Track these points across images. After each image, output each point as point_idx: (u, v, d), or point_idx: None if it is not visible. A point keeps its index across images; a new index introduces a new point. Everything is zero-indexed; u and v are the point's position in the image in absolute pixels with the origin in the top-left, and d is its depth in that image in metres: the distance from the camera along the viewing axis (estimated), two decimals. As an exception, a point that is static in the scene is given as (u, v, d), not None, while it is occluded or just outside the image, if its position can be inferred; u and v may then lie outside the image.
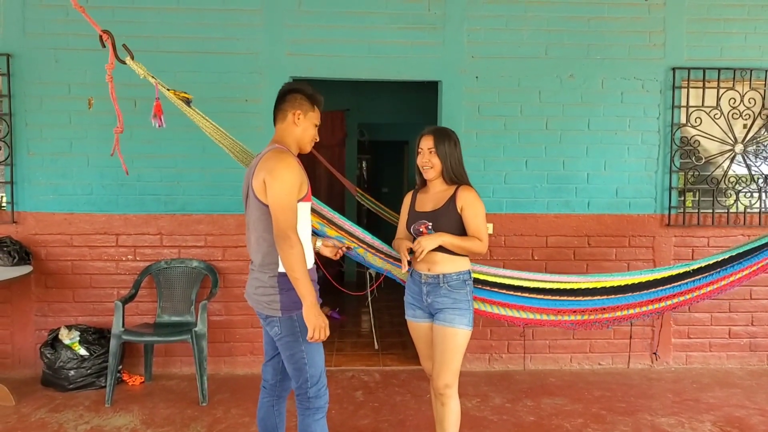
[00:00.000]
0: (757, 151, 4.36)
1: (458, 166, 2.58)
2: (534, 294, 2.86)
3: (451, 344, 2.49)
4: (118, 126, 2.52)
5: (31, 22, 3.95)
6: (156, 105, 2.42)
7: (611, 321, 2.94)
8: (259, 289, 2.26)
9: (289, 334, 2.23)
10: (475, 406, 3.58)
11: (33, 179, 4.02)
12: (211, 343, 3.99)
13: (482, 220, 2.53)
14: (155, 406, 3.57)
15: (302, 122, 2.33)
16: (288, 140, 2.34)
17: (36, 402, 3.59)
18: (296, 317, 2.21)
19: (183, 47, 4.01)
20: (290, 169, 2.18)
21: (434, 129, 2.61)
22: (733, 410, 3.58)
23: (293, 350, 2.24)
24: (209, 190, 4.06)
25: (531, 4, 4.16)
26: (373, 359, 4.44)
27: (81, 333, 3.82)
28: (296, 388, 2.29)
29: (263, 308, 2.27)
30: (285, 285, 2.20)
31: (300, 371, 2.25)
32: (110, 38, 2.37)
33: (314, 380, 2.27)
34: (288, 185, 2.16)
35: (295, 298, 2.18)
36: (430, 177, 2.59)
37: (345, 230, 2.87)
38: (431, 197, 2.61)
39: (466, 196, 2.53)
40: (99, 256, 4.06)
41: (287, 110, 2.32)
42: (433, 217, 2.53)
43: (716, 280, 2.91)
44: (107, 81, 2.41)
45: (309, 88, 2.36)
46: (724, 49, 4.25)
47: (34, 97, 3.98)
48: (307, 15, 4.06)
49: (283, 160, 2.20)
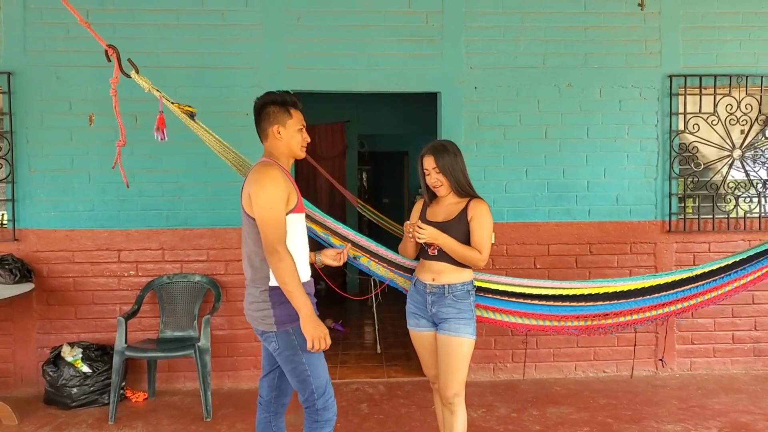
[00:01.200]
0: (755, 157, 4.39)
1: (463, 176, 2.58)
2: (536, 300, 2.84)
3: (457, 353, 2.50)
4: (120, 139, 2.54)
5: (31, 40, 3.97)
6: (159, 118, 2.43)
7: (614, 327, 2.91)
8: (253, 304, 2.24)
9: (288, 348, 2.20)
10: (481, 417, 3.57)
11: (34, 196, 4.02)
12: (214, 358, 3.98)
13: (487, 234, 2.54)
14: (159, 422, 3.55)
15: (284, 134, 2.29)
16: (277, 154, 2.31)
17: (39, 420, 3.57)
18: (293, 331, 2.18)
19: (183, 62, 4.03)
20: (273, 182, 2.15)
21: (432, 147, 2.60)
22: (739, 416, 3.57)
23: (294, 364, 2.22)
24: (211, 204, 4.07)
25: (528, 15, 4.20)
26: (378, 371, 4.43)
27: (83, 350, 3.80)
28: (303, 401, 2.26)
29: (258, 323, 2.24)
30: (278, 299, 2.17)
31: (304, 383, 2.23)
32: (116, 53, 2.41)
33: (320, 391, 2.24)
34: (271, 198, 2.13)
35: (290, 311, 2.15)
36: (443, 194, 2.60)
37: (349, 240, 2.87)
38: (443, 209, 2.62)
39: (477, 208, 2.55)
40: (101, 273, 4.05)
41: (266, 128, 2.30)
42: (444, 227, 2.53)
43: (720, 286, 2.88)
44: (111, 95, 2.44)
45: (278, 95, 2.31)
46: (719, 56, 4.29)
47: (35, 114, 4.00)
48: (306, 29, 4.10)
49: (265, 174, 2.17)
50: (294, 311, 2.14)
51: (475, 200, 2.58)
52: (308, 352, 2.18)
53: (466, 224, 2.54)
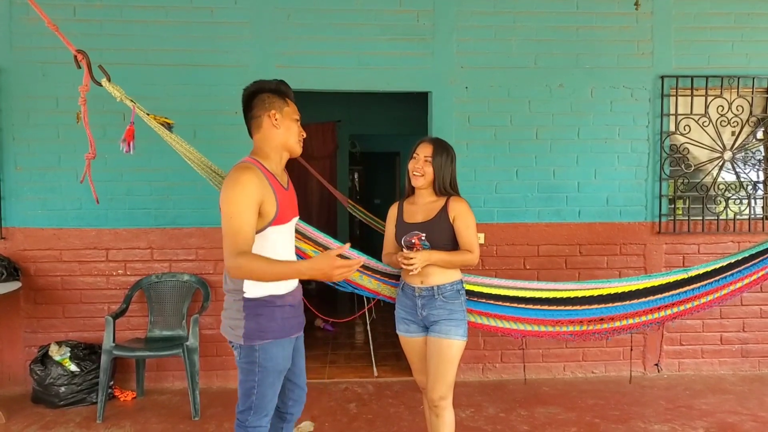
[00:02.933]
0: (745, 158, 4.40)
1: (450, 181, 2.56)
2: (530, 305, 2.80)
3: (447, 356, 2.48)
4: (90, 152, 2.39)
5: (18, 36, 3.93)
6: (128, 130, 2.29)
7: (610, 331, 2.84)
8: (227, 311, 2.12)
9: (248, 363, 2.08)
10: (469, 417, 3.57)
11: (21, 194, 3.98)
12: (203, 357, 3.96)
13: (474, 232, 2.53)
14: (147, 421, 3.53)
15: (282, 122, 2.10)
16: (269, 148, 2.11)
17: (26, 419, 3.55)
18: (258, 348, 2.06)
19: (172, 60, 3.99)
20: (241, 188, 1.93)
21: (435, 139, 2.59)
22: (725, 416, 3.59)
23: (248, 377, 2.10)
24: (200, 203, 4.04)
25: (520, 15, 4.19)
26: (367, 371, 4.42)
27: (71, 349, 3.78)
28: (238, 413, 2.14)
29: (227, 333, 2.12)
30: (252, 311, 2.04)
31: (247, 397, 2.11)
32: (85, 58, 2.25)
33: (259, 411, 2.11)
34: (235, 206, 1.91)
35: (263, 326, 2.04)
36: (418, 184, 2.55)
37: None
38: (421, 208, 2.58)
39: (458, 207, 2.52)
40: (89, 271, 4.03)
41: (260, 115, 2.09)
42: (425, 228, 2.50)
43: (717, 289, 2.82)
44: (80, 104, 2.31)
45: (272, 83, 2.13)
46: (711, 57, 4.29)
47: (21, 112, 3.96)
48: (296, 27, 4.07)
49: (235, 179, 1.96)
50: (264, 327, 2.06)
51: (454, 198, 2.55)
52: (266, 372, 2.08)
53: (449, 223, 2.51)
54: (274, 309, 2.08)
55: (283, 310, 2.11)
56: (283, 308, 2.11)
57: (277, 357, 2.11)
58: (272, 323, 2.08)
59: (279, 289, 2.10)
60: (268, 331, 2.07)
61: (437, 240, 2.50)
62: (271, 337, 2.08)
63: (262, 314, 2.06)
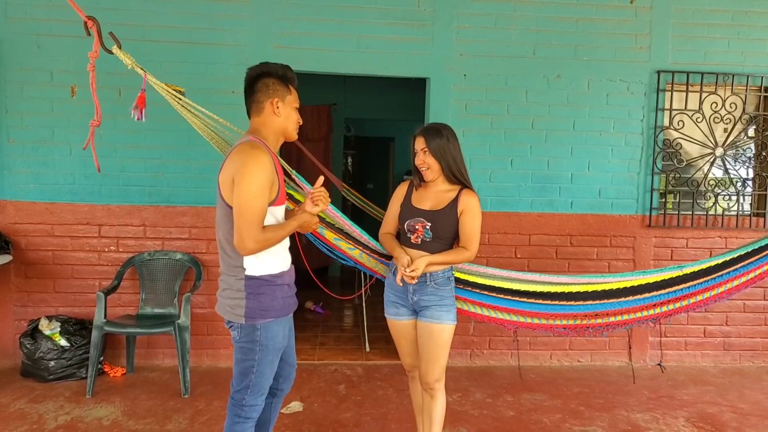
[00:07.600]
0: (736, 155, 4.45)
1: (457, 162, 2.52)
2: (524, 297, 2.78)
3: (439, 340, 2.51)
4: (95, 118, 2.37)
5: (13, 7, 3.87)
6: (140, 96, 2.28)
7: (604, 327, 2.82)
8: (226, 291, 2.12)
9: (248, 342, 2.09)
10: (456, 401, 3.63)
11: (13, 167, 3.95)
12: (193, 336, 3.98)
13: (477, 230, 2.52)
14: (137, 397, 3.55)
15: (282, 110, 2.12)
16: (267, 132, 2.13)
17: (15, 393, 3.56)
18: (260, 327, 2.07)
19: (170, 37, 3.96)
20: (261, 168, 1.96)
21: (424, 128, 2.55)
22: (706, 407, 3.68)
23: (246, 356, 2.10)
24: (194, 182, 4.04)
25: (520, 4, 4.18)
26: (357, 353, 4.47)
27: (62, 324, 3.78)
28: (234, 392, 2.15)
29: (226, 313, 2.11)
30: (254, 289, 2.06)
31: (245, 377, 2.12)
32: (96, 25, 2.22)
33: (256, 390, 2.12)
34: (256, 187, 1.94)
35: (264, 305, 2.06)
36: (429, 178, 2.53)
37: (344, 232, 2.74)
38: (431, 195, 2.56)
39: (468, 201, 2.50)
40: (81, 247, 4.02)
41: (262, 101, 2.11)
42: (431, 217, 2.49)
43: (711, 287, 2.80)
44: (89, 70, 2.27)
45: (278, 67, 2.14)
46: (707, 53, 4.32)
47: (15, 84, 3.91)
48: (295, 8, 4.04)
49: (254, 157, 1.96)
50: (267, 305, 2.07)
51: (467, 192, 2.52)
52: (266, 351, 2.10)
53: (455, 216, 2.50)
54: (275, 288, 2.12)
55: (282, 289, 2.15)
56: (282, 287, 2.15)
57: (278, 335, 2.14)
58: (274, 302, 2.11)
59: (276, 267, 2.13)
60: (270, 310, 2.09)
61: (441, 231, 2.49)
62: (272, 316, 2.11)
63: (264, 293, 2.08)
